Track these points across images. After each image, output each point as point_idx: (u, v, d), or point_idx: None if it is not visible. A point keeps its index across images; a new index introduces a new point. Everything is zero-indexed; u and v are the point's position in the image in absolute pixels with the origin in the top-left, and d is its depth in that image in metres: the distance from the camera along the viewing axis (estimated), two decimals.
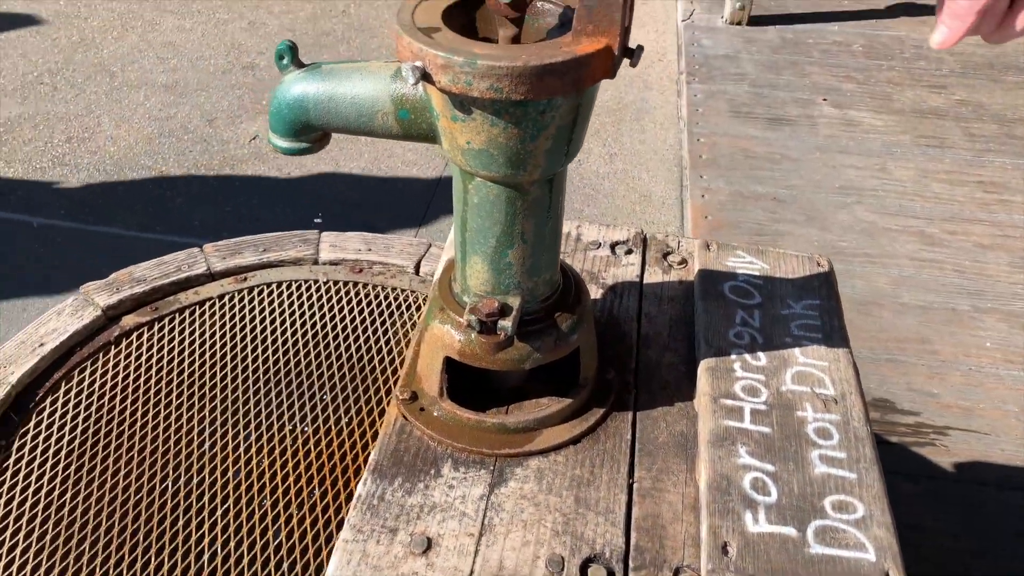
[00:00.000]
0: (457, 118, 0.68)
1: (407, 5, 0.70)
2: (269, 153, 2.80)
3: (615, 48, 0.65)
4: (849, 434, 0.85)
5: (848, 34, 3.58)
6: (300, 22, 3.64)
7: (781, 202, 2.57)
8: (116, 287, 1.33)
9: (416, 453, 0.84)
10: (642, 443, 0.86)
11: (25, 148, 2.78)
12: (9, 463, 1.09)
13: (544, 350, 0.81)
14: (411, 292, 1.39)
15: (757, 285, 1.03)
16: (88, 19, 3.61)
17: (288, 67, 0.74)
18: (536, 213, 0.76)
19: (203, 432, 1.15)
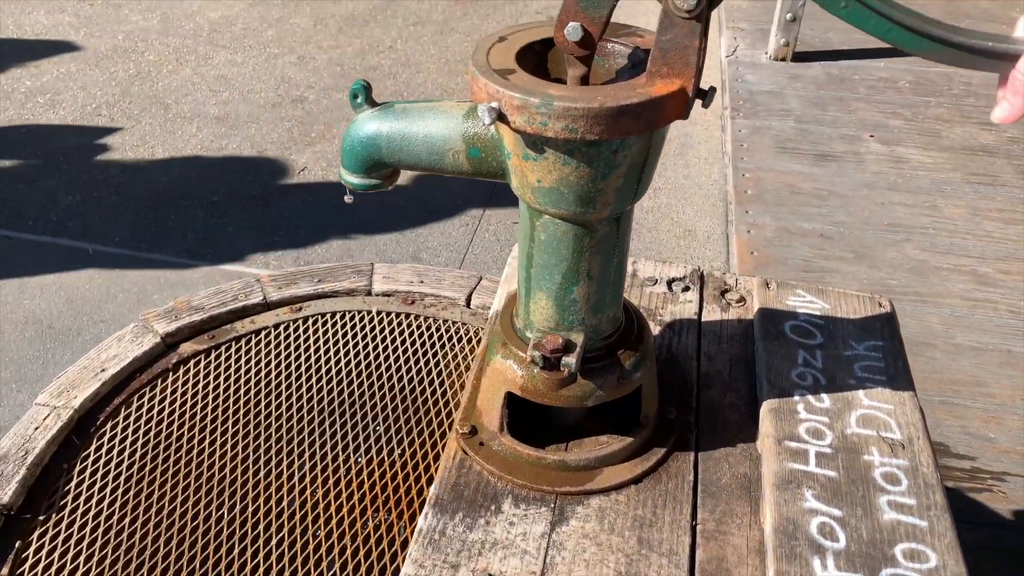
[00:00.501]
0: (529, 157, 0.69)
1: (481, 47, 0.71)
2: (317, 184, 2.85)
3: (689, 90, 0.65)
4: (918, 480, 0.83)
5: (894, 70, 3.56)
6: (348, 57, 3.72)
7: (828, 239, 2.55)
8: (175, 315, 1.35)
9: (476, 488, 0.84)
10: (705, 484, 0.85)
11: (83, 177, 2.86)
12: (71, 487, 1.11)
13: (607, 388, 0.81)
14: (462, 324, 1.40)
15: (818, 325, 1.02)
16: (144, 53, 3.73)
17: (362, 106, 0.76)
18: (603, 250, 0.76)
19: (258, 461, 1.16)
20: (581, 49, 0.68)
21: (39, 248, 2.52)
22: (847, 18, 0.62)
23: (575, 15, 0.65)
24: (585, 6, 0.65)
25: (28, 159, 2.95)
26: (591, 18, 0.65)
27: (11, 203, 2.71)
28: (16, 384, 2.05)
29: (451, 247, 2.59)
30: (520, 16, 4.15)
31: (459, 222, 2.70)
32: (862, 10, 0.62)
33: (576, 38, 0.66)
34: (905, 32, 0.62)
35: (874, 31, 0.63)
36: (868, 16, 0.62)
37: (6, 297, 2.31)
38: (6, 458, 1.11)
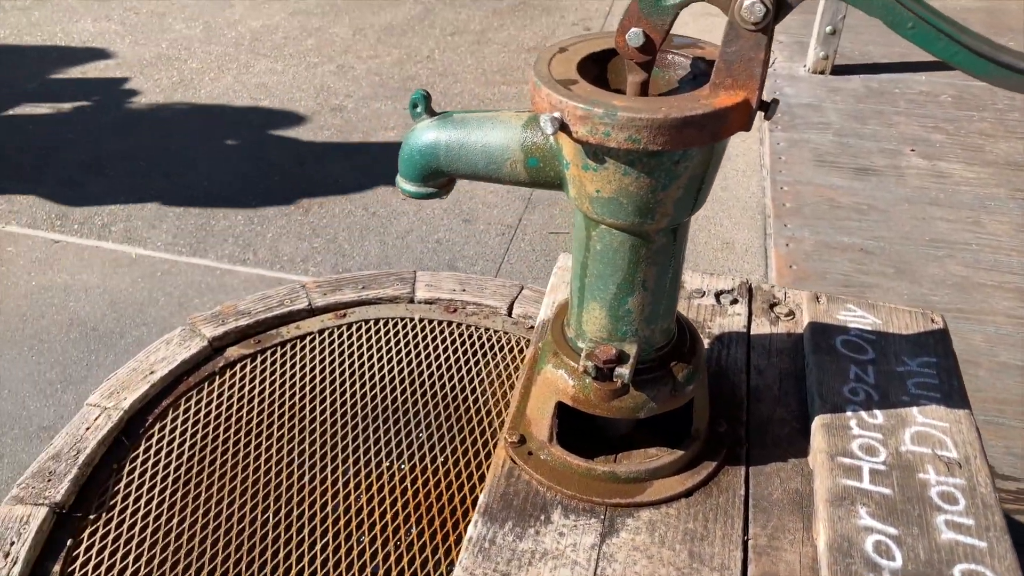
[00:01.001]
0: (589, 167, 0.69)
1: (542, 58, 0.72)
2: (355, 192, 2.88)
3: (753, 101, 0.65)
4: (976, 500, 0.81)
5: (936, 84, 3.51)
6: (386, 67, 3.75)
7: (869, 253, 2.52)
8: (222, 319, 1.37)
9: (525, 498, 0.84)
10: (756, 499, 0.84)
11: (127, 182, 2.91)
12: (120, 486, 1.13)
13: (659, 400, 0.81)
14: (504, 334, 1.40)
15: (870, 340, 1.00)
16: (187, 61, 3.80)
17: (421, 115, 0.77)
18: (659, 261, 0.76)
19: (303, 465, 1.17)
20: (642, 55, 0.68)
21: (85, 251, 2.57)
22: (914, 39, 0.62)
23: (638, 21, 0.66)
24: (648, 12, 0.65)
25: (74, 164, 3.02)
26: (653, 24, 0.66)
27: (58, 207, 2.77)
28: (61, 384, 2.09)
29: (487, 256, 2.60)
30: (557, 28, 4.16)
31: (495, 231, 2.71)
32: (930, 31, 0.62)
33: (637, 44, 0.66)
34: (973, 56, 0.62)
35: (941, 54, 0.62)
36: (936, 38, 0.62)
37: (52, 299, 2.36)
38: (59, 457, 1.13)
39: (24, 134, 3.19)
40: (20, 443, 1.93)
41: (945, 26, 0.61)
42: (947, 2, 4.37)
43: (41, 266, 2.50)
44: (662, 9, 0.65)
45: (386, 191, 2.89)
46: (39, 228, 2.67)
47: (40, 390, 2.07)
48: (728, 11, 0.63)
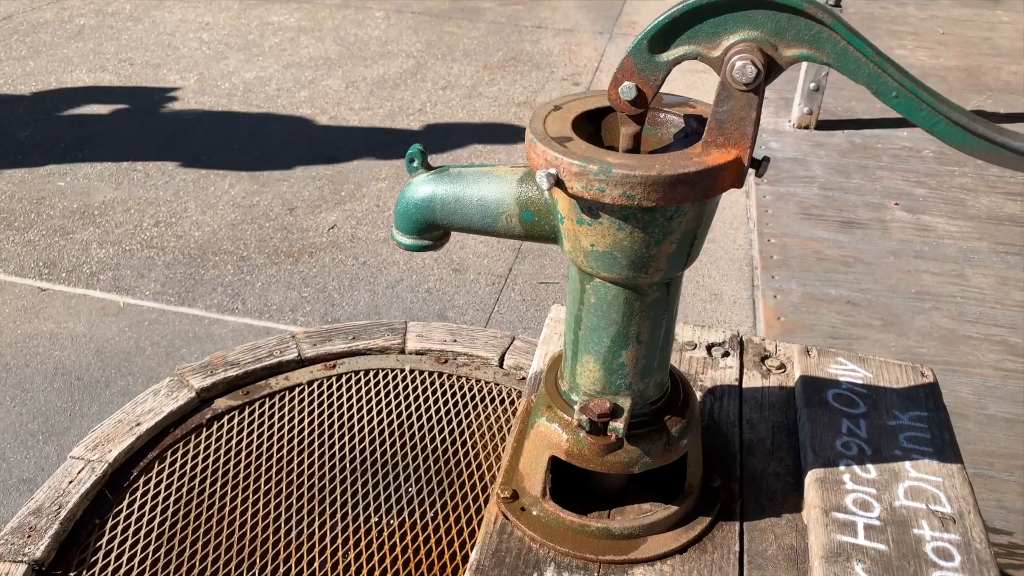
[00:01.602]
0: (583, 221, 0.70)
1: (538, 115, 0.73)
2: (346, 242, 2.89)
3: (745, 159, 0.66)
4: (971, 556, 0.81)
5: (918, 139, 3.59)
6: (378, 119, 3.80)
7: (856, 306, 2.54)
8: (210, 370, 1.36)
9: (518, 555, 0.83)
10: (751, 555, 0.83)
11: (117, 231, 2.91)
12: (102, 542, 1.10)
13: (654, 454, 0.80)
14: (495, 385, 1.40)
15: (861, 394, 1.01)
16: (181, 112, 3.83)
17: (418, 169, 0.78)
18: (653, 315, 0.76)
19: (290, 520, 1.15)
20: (634, 108, 0.69)
21: (72, 300, 2.55)
22: (897, 107, 0.65)
23: (631, 75, 0.67)
24: (642, 68, 0.67)
25: (65, 212, 3.02)
26: (646, 79, 0.67)
27: (47, 255, 2.76)
28: (43, 436, 2.05)
29: (477, 306, 2.60)
30: (546, 82, 4.24)
31: (485, 281, 2.71)
32: (912, 101, 0.64)
33: (630, 97, 0.67)
34: (952, 127, 0.64)
35: (923, 123, 0.65)
36: (918, 107, 0.64)
37: (38, 348, 2.34)
38: (40, 511, 1.11)
39: (15, 182, 3.20)
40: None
41: (927, 96, 0.63)
42: (927, 61, 4.49)
43: (27, 314, 2.48)
44: (655, 65, 0.67)
45: (376, 241, 2.90)
46: (27, 276, 2.65)
47: (21, 441, 2.04)
48: (720, 72, 0.64)
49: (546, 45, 4.74)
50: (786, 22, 0.63)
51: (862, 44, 0.63)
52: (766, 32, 0.63)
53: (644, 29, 0.67)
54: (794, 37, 0.63)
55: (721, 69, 0.64)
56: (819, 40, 0.63)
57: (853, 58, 0.64)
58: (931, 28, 4.98)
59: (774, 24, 0.63)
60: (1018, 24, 5.13)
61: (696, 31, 0.65)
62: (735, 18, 0.64)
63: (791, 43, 0.63)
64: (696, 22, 0.64)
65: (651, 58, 0.66)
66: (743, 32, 0.64)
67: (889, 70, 0.63)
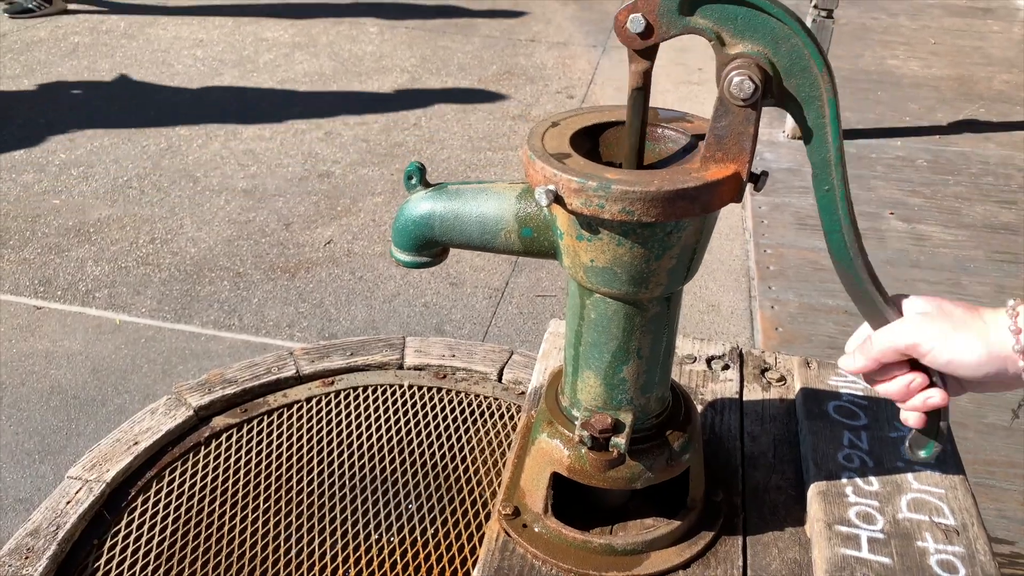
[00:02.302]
0: (583, 237, 0.70)
1: (535, 132, 0.73)
2: (342, 257, 2.88)
3: (743, 174, 0.66)
4: (976, 568, 0.81)
5: (911, 149, 3.60)
6: (374, 133, 3.80)
7: (853, 315, 2.53)
8: (208, 387, 1.35)
9: (520, 572, 0.82)
10: (754, 570, 0.83)
11: (112, 248, 2.91)
12: (100, 563, 1.09)
13: (656, 469, 0.80)
14: (494, 400, 1.39)
15: (862, 405, 1.01)
16: (175, 128, 3.83)
17: (416, 186, 0.78)
18: (653, 329, 0.76)
19: (289, 539, 1.14)
20: (639, 40, 0.67)
21: (68, 318, 2.54)
22: (819, 200, 0.71)
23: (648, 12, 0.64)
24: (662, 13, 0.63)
25: (60, 230, 3.01)
26: (659, 23, 0.63)
27: (42, 273, 2.76)
28: (39, 455, 2.04)
29: (474, 320, 2.60)
30: (540, 95, 4.25)
31: (482, 295, 2.71)
32: (834, 203, 0.70)
33: (637, 29, 0.65)
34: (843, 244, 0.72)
35: (827, 225, 0.72)
36: (834, 210, 0.71)
37: (34, 366, 2.33)
38: (37, 533, 1.10)
39: (10, 200, 3.19)
40: None
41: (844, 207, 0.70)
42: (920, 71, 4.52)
43: (23, 333, 2.47)
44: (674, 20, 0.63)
45: (372, 255, 2.90)
46: (22, 294, 2.64)
47: (17, 461, 2.02)
48: (718, 85, 0.64)
49: (540, 58, 4.76)
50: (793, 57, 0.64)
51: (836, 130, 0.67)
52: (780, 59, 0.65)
53: None
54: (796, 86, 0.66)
55: (719, 83, 0.64)
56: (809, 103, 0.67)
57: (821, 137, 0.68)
58: (923, 38, 5.01)
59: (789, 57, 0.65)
60: (1009, 33, 5.17)
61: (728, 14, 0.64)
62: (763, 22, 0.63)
63: (790, 87, 0.66)
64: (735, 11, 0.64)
65: (676, 10, 0.64)
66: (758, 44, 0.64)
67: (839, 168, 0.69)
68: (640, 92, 0.69)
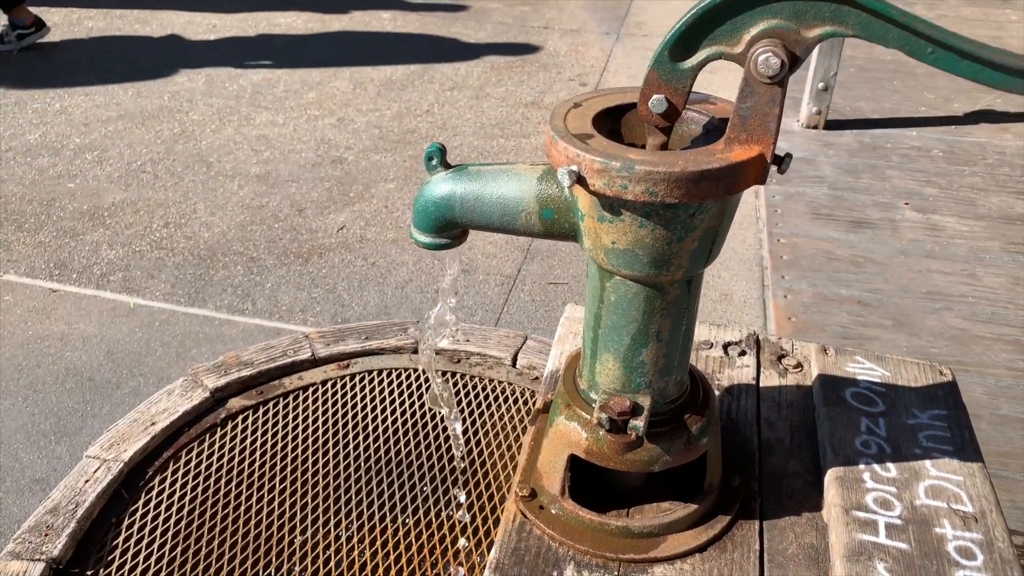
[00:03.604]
0: (604, 219, 0.70)
1: (558, 112, 0.73)
2: (355, 243, 2.89)
3: (768, 156, 0.66)
4: (994, 555, 0.80)
5: (927, 139, 3.57)
6: (386, 120, 3.80)
7: (867, 306, 2.52)
8: (224, 369, 1.36)
9: (537, 553, 0.82)
10: (771, 554, 0.83)
11: (126, 232, 2.92)
12: (119, 541, 1.10)
13: (674, 453, 0.80)
14: (508, 384, 1.40)
15: (879, 392, 1.00)
16: (189, 113, 3.84)
17: (436, 168, 0.77)
18: (673, 313, 0.76)
19: (305, 519, 1.15)
20: (665, 120, 0.69)
21: (83, 301, 2.56)
22: (935, 63, 0.63)
23: (658, 88, 0.67)
24: (668, 79, 0.67)
25: (75, 213, 3.03)
26: (674, 89, 0.67)
27: (57, 256, 2.77)
28: (55, 436, 2.06)
29: (486, 307, 2.60)
30: (553, 83, 4.23)
31: (494, 282, 2.71)
32: (950, 55, 0.62)
33: (660, 110, 0.67)
34: (998, 72, 0.62)
35: (965, 73, 0.63)
36: (957, 60, 0.62)
37: (49, 349, 2.34)
38: (57, 510, 1.11)
39: (25, 184, 3.21)
40: (12, 496, 1.89)
41: (965, 46, 0.61)
42: None
43: (38, 315, 2.49)
44: (680, 73, 0.66)
45: (385, 242, 2.90)
46: (37, 277, 2.66)
47: (34, 442, 2.04)
48: (744, 65, 0.64)
49: (553, 46, 4.74)
50: (804, 5, 0.63)
51: (886, 8, 0.62)
52: (786, 18, 0.63)
53: (663, 39, 0.66)
54: (815, 16, 0.63)
55: (744, 63, 0.63)
56: (841, 15, 0.63)
57: (879, 25, 0.62)
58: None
59: (792, 9, 0.63)
60: None
61: (716, 32, 0.64)
62: (753, 12, 0.63)
63: (813, 23, 0.63)
64: (714, 23, 0.64)
65: (674, 67, 0.66)
66: (763, 23, 0.63)
67: (919, 28, 0.62)
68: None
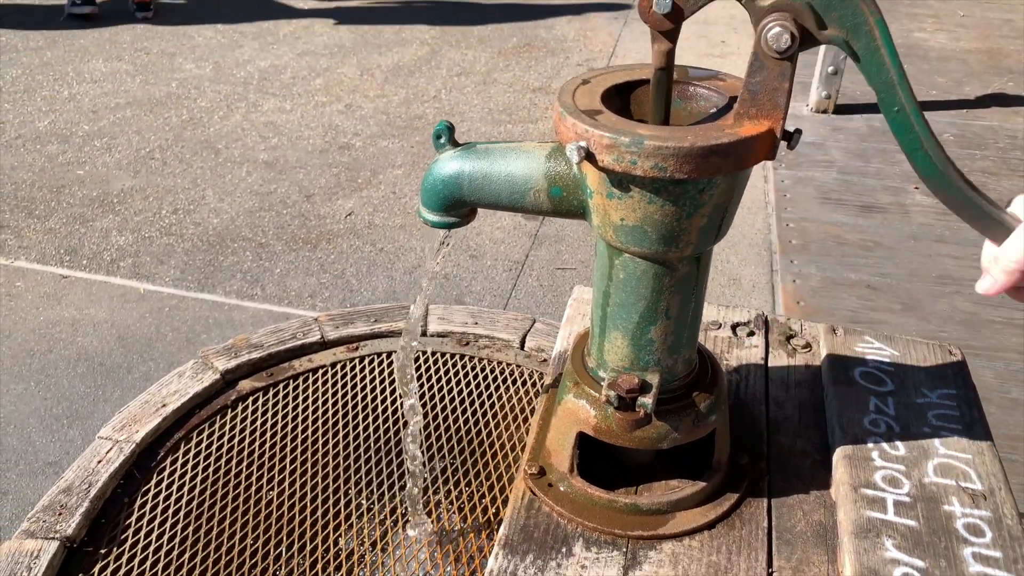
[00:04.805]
0: (613, 195, 0.70)
1: (566, 89, 0.73)
2: (363, 228, 2.89)
3: (777, 131, 0.66)
4: (1003, 532, 0.80)
5: (938, 123, 3.55)
6: (393, 106, 3.80)
7: (876, 290, 2.52)
8: (234, 352, 1.37)
9: (546, 530, 0.83)
10: (779, 531, 0.83)
11: (136, 218, 2.93)
12: (132, 521, 1.11)
13: (682, 430, 0.80)
14: (517, 367, 1.40)
15: (888, 372, 1.00)
16: (197, 100, 3.85)
17: (445, 146, 0.77)
18: (682, 290, 0.76)
19: (316, 499, 1.16)
20: (667, 22, 0.66)
21: (93, 287, 2.58)
22: (892, 122, 0.67)
23: None
24: None
25: (84, 200, 3.04)
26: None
27: (67, 242, 2.79)
28: (67, 420, 2.08)
29: (494, 292, 2.60)
30: (561, 68, 4.22)
31: (502, 267, 2.71)
32: (907, 121, 0.67)
33: (665, 10, 0.64)
34: (929, 159, 0.68)
35: (907, 145, 0.68)
36: (909, 128, 0.67)
37: (60, 334, 2.36)
38: (70, 490, 1.12)
39: (35, 170, 3.22)
40: (25, 479, 1.91)
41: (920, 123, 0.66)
42: (948, 43, 4.44)
43: (49, 301, 2.50)
44: None
45: (393, 227, 2.91)
46: (48, 263, 2.68)
47: (46, 425, 2.06)
48: (754, 38, 0.64)
49: (561, 31, 4.72)
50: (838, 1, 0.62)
51: (892, 50, 0.64)
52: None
53: None
54: (837, 18, 0.63)
55: (756, 35, 0.63)
56: (857, 30, 0.63)
57: (878, 61, 0.65)
58: (951, 10, 4.92)
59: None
60: None
61: None
62: None
63: (831, 22, 0.63)
64: None
65: None
66: None
67: (904, 86, 0.65)
68: (664, 72, 0.68)
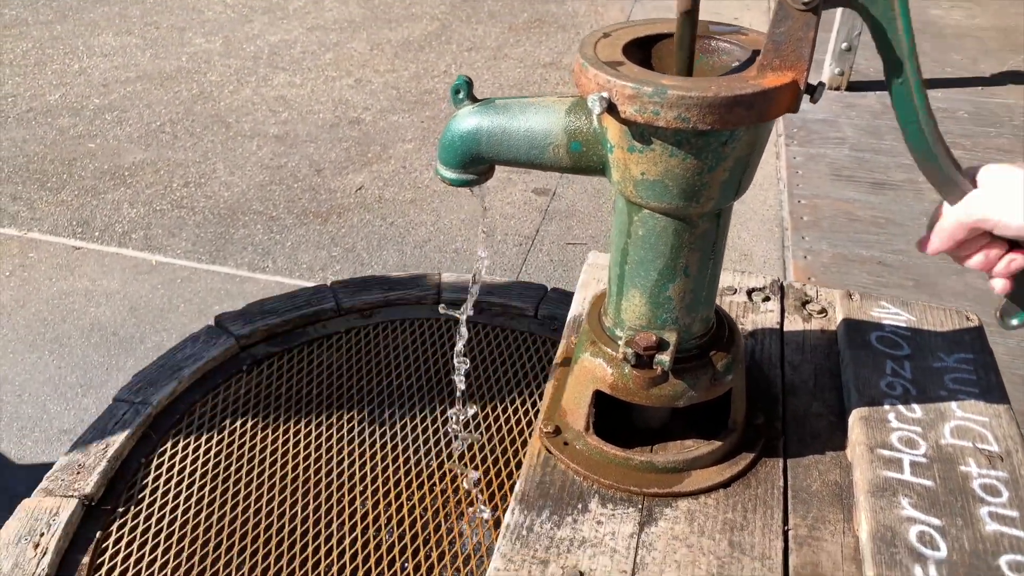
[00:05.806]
0: (634, 149, 0.69)
1: (587, 42, 0.72)
2: (373, 203, 2.89)
3: (801, 83, 0.65)
4: (1020, 492, 0.80)
5: (953, 100, 3.52)
6: (403, 81, 3.78)
7: (887, 266, 2.51)
8: (249, 318, 1.37)
9: (562, 486, 0.83)
10: (795, 490, 0.83)
11: (147, 191, 2.94)
12: (148, 480, 1.12)
13: (699, 388, 0.80)
14: (530, 334, 1.40)
15: (905, 336, 1.00)
16: (207, 74, 3.84)
17: (463, 101, 0.77)
18: (702, 247, 0.76)
19: (330, 462, 1.17)
20: None
21: (105, 258, 2.59)
22: (894, 93, 0.69)
23: None
24: None
25: (96, 173, 3.04)
26: None
27: (80, 214, 2.80)
28: (82, 388, 2.09)
29: (505, 266, 2.60)
30: (572, 43, 4.19)
31: (512, 242, 2.71)
32: (908, 93, 0.68)
33: None
34: (921, 134, 0.70)
35: (903, 118, 0.70)
36: (909, 101, 0.68)
37: (74, 304, 2.37)
38: (88, 450, 1.13)
39: (46, 143, 3.23)
40: (41, 446, 1.93)
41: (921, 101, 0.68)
42: (963, 21, 4.39)
43: (62, 272, 2.52)
44: None
45: (403, 202, 2.90)
46: (61, 235, 2.69)
47: (60, 394, 2.08)
48: None
49: (572, 6, 4.68)
50: None
51: (907, 23, 0.64)
52: None
53: None
54: None
55: None
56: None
57: (892, 30, 0.65)
58: None
59: None
60: None
61: None
62: None
63: None
64: None
65: None
66: None
67: (912, 60, 0.66)
68: (688, 17, 0.68)
